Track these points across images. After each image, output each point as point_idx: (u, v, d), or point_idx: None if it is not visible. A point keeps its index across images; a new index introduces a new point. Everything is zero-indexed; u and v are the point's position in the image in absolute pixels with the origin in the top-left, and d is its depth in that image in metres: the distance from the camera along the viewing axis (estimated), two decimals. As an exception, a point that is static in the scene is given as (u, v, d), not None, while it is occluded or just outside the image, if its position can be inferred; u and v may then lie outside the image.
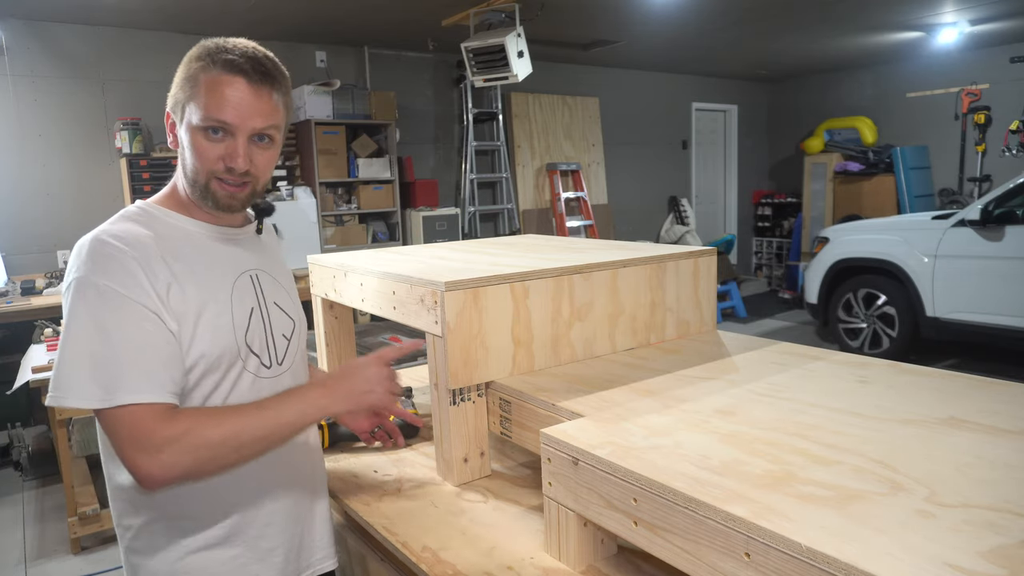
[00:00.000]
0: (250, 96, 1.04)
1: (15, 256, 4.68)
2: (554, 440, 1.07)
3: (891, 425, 1.05)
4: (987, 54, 7.23)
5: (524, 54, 4.80)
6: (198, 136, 1.04)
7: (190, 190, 1.09)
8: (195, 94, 1.04)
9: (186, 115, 1.05)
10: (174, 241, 1.06)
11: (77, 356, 0.95)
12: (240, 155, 1.05)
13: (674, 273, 1.65)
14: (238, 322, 1.08)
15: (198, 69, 1.04)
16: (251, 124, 1.05)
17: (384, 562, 1.33)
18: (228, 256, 1.13)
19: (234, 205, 1.10)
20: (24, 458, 3.91)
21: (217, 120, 1.03)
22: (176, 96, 1.07)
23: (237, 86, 1.03)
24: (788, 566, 0.74)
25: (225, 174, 1.06)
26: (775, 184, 9.59)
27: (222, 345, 1.06)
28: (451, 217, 6.14)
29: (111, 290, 0.96)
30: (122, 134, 4.81)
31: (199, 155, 1.05)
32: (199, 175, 1.06)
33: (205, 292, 1.05)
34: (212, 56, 1.04)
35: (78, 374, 0.94)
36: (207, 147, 1.04)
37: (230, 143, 1.05)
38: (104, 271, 0.97)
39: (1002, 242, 4.85)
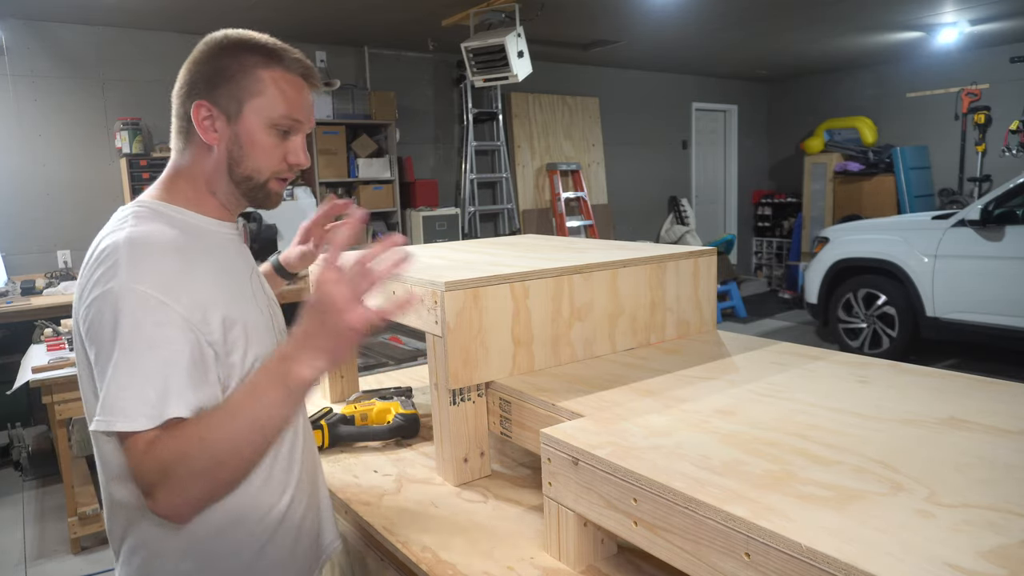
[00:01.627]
0: (309, 99, 1.07)
1: (15, 256, 4.68)
2: (554, 440, 1.07)
3: (891, 425, 1.05)
4: (987, 54, 7.23)
5: (524, 54, 4.80)
6: (268, 135, 1.03)
7: (236, 187, 1.06)
8: (260, 90, 1.01)
9: (246, 110, 1.01)
10: (198, 240, 1.02)
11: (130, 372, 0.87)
12: (304, 153, 1.07)
13: (674, 273, 1.65)
14: (268, 319, 1.10)
15: (256, 63, 1.01)
16: (309, 125, 1.08)
17: (384, 562, 1.33)
18: (239, 253, 1.12)
19: (280, 202, 1.11)
20: (24, 458, 3.91)
21: (295, 120, 1.04)
22: (226, 88, 1.01)
23: (300, 87, 1.05)
24: (788, 566, 0.74)
25: (287, 172, 1.07)
26: (775, 184, 9.59)
27: (268, 344, 1.06)
28: (451, 217, 6.14)
29: (159, 301, 0.89)
30: (122, 134, 4.81)
31: (265, 154, 1.04)
32: (260, 174, 1.05)
33: (237, 292, 1.04)
34: (273, 54, 1.03)
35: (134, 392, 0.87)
36: (275, 146, 1.04)
37: (293, 142, 1.06)
38: (147, 279, 0.90)
39: (1002, 242, 4.85)
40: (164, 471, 0.86)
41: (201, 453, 0.86)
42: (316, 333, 0.88)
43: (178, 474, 0.86)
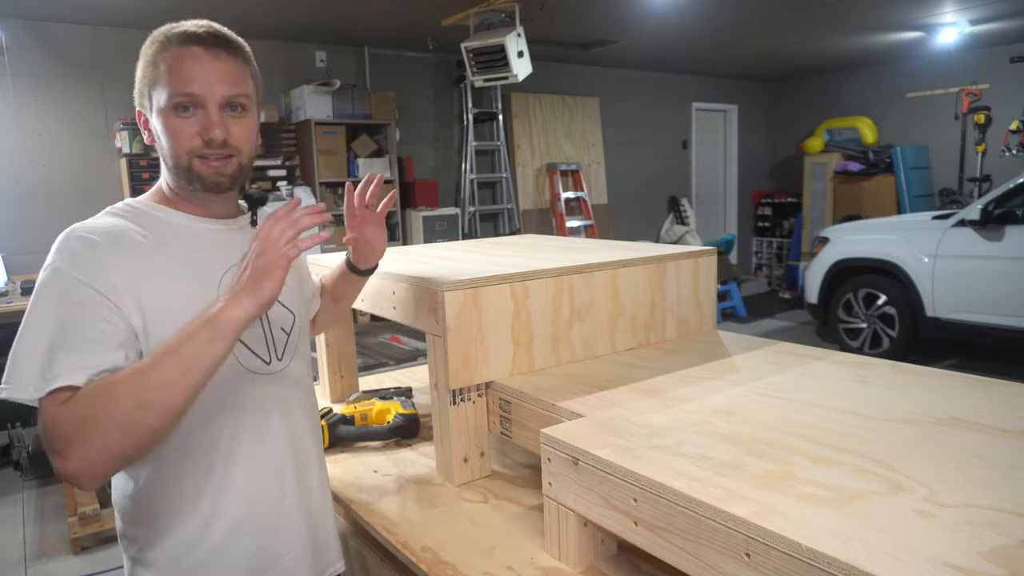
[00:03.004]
0: (211, 63, 1.01)
1: (15, 256, 4.68)
2: (554, 440, 1.07)
3: (891, 425, 1.05)
4: (987, 54, 7.23)
5: (524, 54, 4.80)
6: (170, 118, 1.02)
7: (174, 179, 1.07)
8: (157, 76, 1.02)
9: (154, 101, 1.03)
10: (160, 235, 1.04)
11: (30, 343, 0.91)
12: (215, 123, 1.01)
13: (674, 273, 1.65)
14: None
15: (155, 52, 1.03)
16: (219, 92, 1.01)
17: (384, 562, 1.33)
18: (217, 248, 1.09)
19: (221, 182, 1.05)
20: (24, 458, 3.91)
21: (184, 94, 1.00)
22: (140, 87, 1.05)
23: (197, 56, 1.01)
24: (788, 566, 0.74)
25: (204, 149, 1.02)
26: (775, 184, 9.59)
27: None
28: (451, 217, 6.14)
29: (78, 281, 0.93)
30: (122, 134, 4.81)
31: (174, 136, 1.02)
32: (180, 157, 1.03)
33: (190, 286, 1.02)
34: (166, 35, 1.03)
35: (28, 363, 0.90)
36: (180, 126, 1.01)
37: (202, 116, 1.01)
38: (75, 263, 0.94)
39: (1002, 242, 4.85)
40: (80, 423, 0.85)
41: (126, 397, 0.86)
42: (240, 277, 0.93)
43: (97, 422, 0.85)
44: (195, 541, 1.05)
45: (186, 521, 1.04)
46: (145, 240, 1.02)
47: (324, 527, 1.21)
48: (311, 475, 1.19)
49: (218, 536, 1.06)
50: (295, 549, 1.14)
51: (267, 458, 1.09)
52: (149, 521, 1.05)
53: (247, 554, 1.08)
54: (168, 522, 1.04)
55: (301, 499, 1.15)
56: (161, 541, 1.05)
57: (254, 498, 1.08)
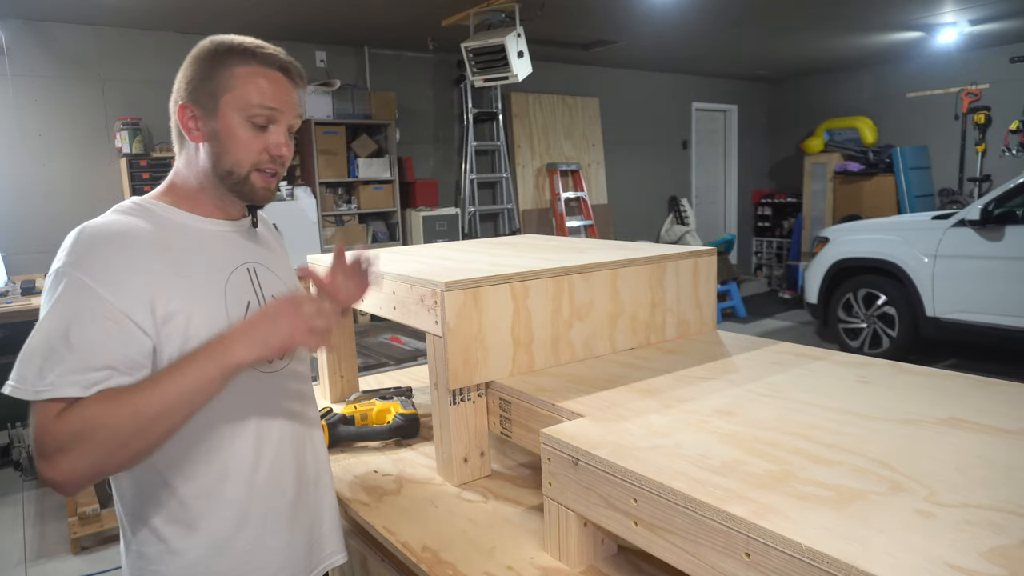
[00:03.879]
0: (289, 91, 1.08)
1: (15, 256, 4.68)
2: (554, 440, 1.07)
3: (891, 425, 1.05)
4: (987, 54, 7.23)
5: (524, 54, 4.80)
6: (244, 128, 1.05)
7: (220, 182, 1.08)
8: (235, 85, 1.04)
9: (222, 106, 1.04)
10: (168, 234, 1.05)
11: (37, 346, 0.94)
12: (285, 143, 1.08)
13: (674, 273, 1.65)
14: (234, 317, 1.06)
15: (233, 62, 1.05)
16: (292, 115, 1.08)
17: (384, 562, 1.33)
18: (224, 250, 1.11)
19: (268, 196, 1.11)
20: (24, 458, 3.90)
21: (268, 108, 1.05)
22: (204, 86, 1.05)
23: (279, 80, 1.06)
24: (788, 566, 0.74)
25: (268, 164, 1.07)
26: (775, 184, 9.59)
27: None
28: (451, 217, 6.14)
29: (87, 286, 0.94)
30: (122, 134, 4.81)
31: (243, 146, 1.05)
32: (240, 167, 1.06)
33: (198, 287, 1.04)
34: (251, 51, 1.06)
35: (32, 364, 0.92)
36: (251, 138, 1.05)
37: (273, 133, 1.07)
38: (84, 265, 0.95)
39: (1002, 242, 4.85)
40: (75, 435, 0.88)
41: (125, 421, 0.90)
42: (267, 328, 0.97)
43: (91, 438, 0.89)
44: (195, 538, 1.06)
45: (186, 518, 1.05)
46: (153, 239, 1.02)
47: (324, 522, 1.22)
48: (311, 471, 1.20)
49: (218, 533, 1.07)
50: (292, 545, 1.15)
51: (269, 456, 1.11)
52: (150, 519, 1.06)
53: (246, 550, 1.09)
54: (168, 519, 1.05)
55: (300, 496, 1.16)
56: (162, 539, 1.05)
57: (256, 496, 1.09)
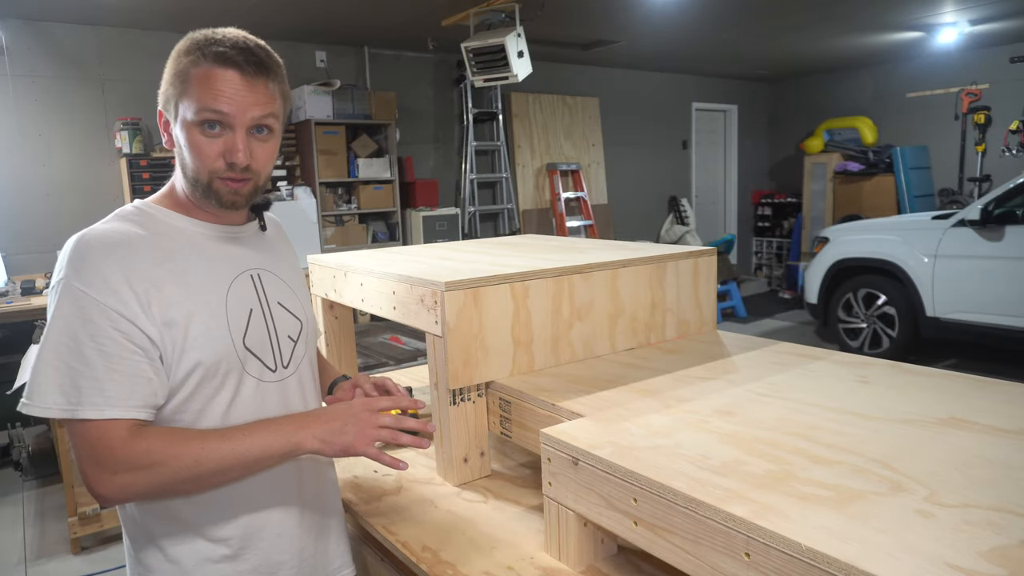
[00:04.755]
0: (245, 88, 1.00)
1: (15, 256, 4.68)
2: (554, 440, 1.07)
3: (891, 425, 1.05)
4: (987, 54, 7.23)
5: (524, 54, 4.80)
6: (194, 133, 1.00)
7: (191, 190, 1.06)
8: (187, 89, 1.00)
9: (180, 112, 1.01)
10: (169, 241, 1.03)
11: (48, 364, 0.93)
12: (240, 149, 1.00)
13: (674, 273, 1.65)
14: (235, 324, 1.04)
15: (188, 64, 1.00)
16: (249, 115, 1.00)
17: (384, 562, 1.33)
18: (227, 256, 1.09)
19: (238, 202, 1.05)
20: (24, 458, 3.91)
21: (213, 111, 0.98)
22: (167, 93, 1.03)
23: (230, 79, 0.99)
24: (788, 566, 0.74)
25: (227, 171, 1.02)
26: (775, 184, 9.59)
27: (219, 350, 1.01)
28: (451, 217, 6.14)
29: (87, 297, 0.93)
30: (122, 134, 4.81)
31: (197, 153, 1.01)
32: (200, 174, 1.02)
33: (198, 294, 1.01)
34: (202, 49, 1.00)
35: (48, 382, 0.93)
36: (205, 143, 1.01)
37: (228, 138, 1.00)
38: (82, 275, 0.94)
39: (1002, 242, 4.85)
40: (142, 463, 0.93)
41: (186, 464, 0.95)
42: (334, 428, 1.04)
43: (153, 471, 0.94)
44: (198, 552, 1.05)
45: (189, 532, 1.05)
46: (152, 247, 1.01)
47: (329, 535, 1.20)
48: (315, 484, 1.18)
49: (222, 547, 1.06)
50: (295, 559, 1.13)
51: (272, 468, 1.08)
52: (150, 528, 1.05)
53: (250, 565, 1.08)
54: (168, 529, 1.05)
55: (303, 509, 1.14)
56: (160, 548, 1.05)
57: (256, 509, 1.08)
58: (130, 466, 0.93)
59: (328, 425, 1.03)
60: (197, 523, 1.05)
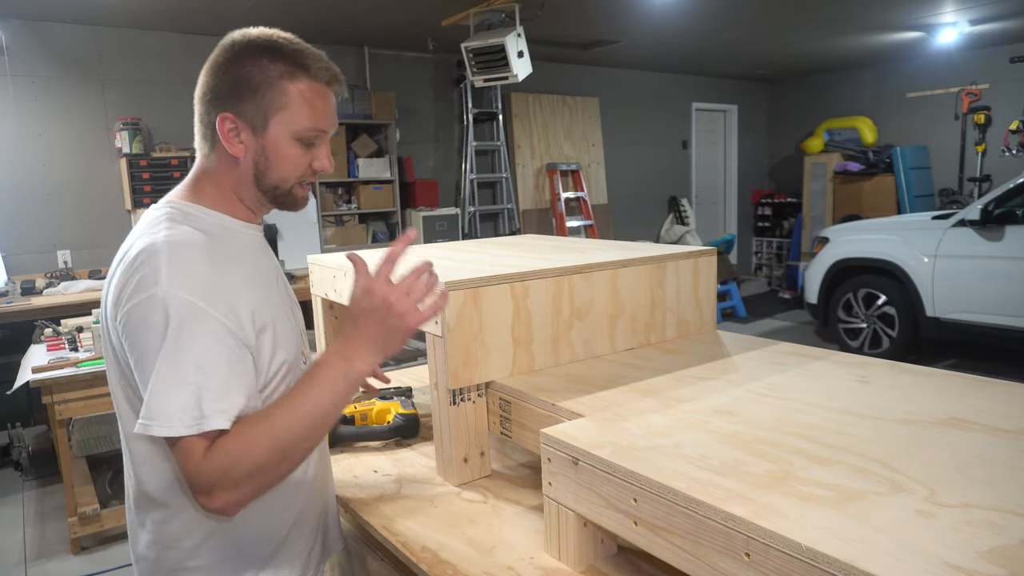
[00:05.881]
0: (333, 103, 1.07)
1: (15, 256, 4.68)
2: (554, 440, 1.07)
3: (891, 425, 1.05)
4: (987, 54, 7.23)
5: (524, 54, 4.80)
6: (293, 146, 1.04)
7: (257, 195, 1.07)
8: (286, 104, 1.01)
9: (273, 124, 1.01)
10: (226, 242, 1.03)
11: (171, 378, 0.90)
12: (329, 158, 1.08)
13: (674, 273, 1.65)
14: (294, 321, 1.12)
15: (281, 76, 1.01)
16: (335, 129, 1.09)
17: (384, 562, 1.33)
18: (266, 256, 1.14)
19: (305, 203, 1.13)
20: (24, 458, 3.91)
21: (321, 131, 1.05)
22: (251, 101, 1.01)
23: (329, 97, 1.06)
24: (788, 566, 0.74)
25: (311, 177, 1.08)
26: (775, 184, 9.59)
27: (295, 347, 1.09)
28: (451, 217, 6.14)
29: (195, 306, 0.92)
30: (122, 134, 4.80)
31: (291, 164, 1.05)
32: (286, 182, 1.06)
33: (272, 297, 1.07)
34: (296, 63, 1.02)
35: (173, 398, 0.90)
36: (300, 155, 1.05)
37: (319, 148, 1.07)
38: (184, 284, 0.92)
39: (1002, 242, 4.85)
40: (225, 471, 0.90)
41: (266, 449, 0.92)
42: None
43: (240, 471, 0.91)
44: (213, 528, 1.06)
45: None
46: (225, 253, 1.01)
47: (332, 511, 1.29)
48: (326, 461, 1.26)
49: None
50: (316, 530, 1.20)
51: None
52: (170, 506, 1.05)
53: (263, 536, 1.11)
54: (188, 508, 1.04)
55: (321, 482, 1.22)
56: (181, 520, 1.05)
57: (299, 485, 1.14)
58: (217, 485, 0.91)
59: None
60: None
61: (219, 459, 0.90)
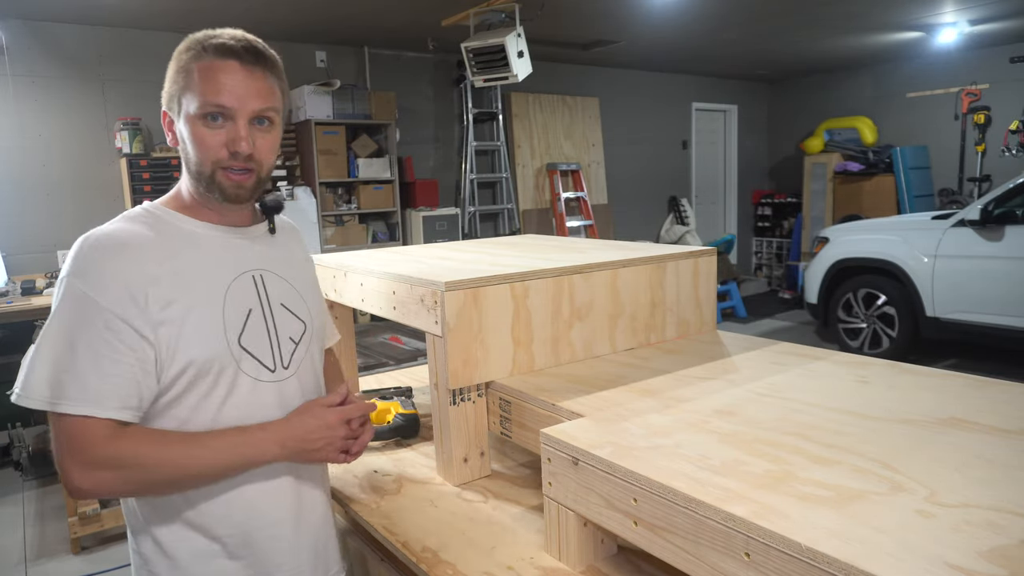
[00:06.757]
0: (246, 78, 1.02)
1: (15, 256, 4.68)
2: (554, 440, 1.07)
3: (891, 425, 1.05)
4: (987, 54, 7.23)
5: (524, 54, 4.80)
6: (198, 126, 1.02)
7: (195, 185, 1.07)
8: (189, 83, 1.02)
9: (183, 107, 1.03)
10: (173, 242, 1.05)
11: (40, 356, 0.97)
12: (243, 137, 1.02)
13: (674, 273, 1.65)
14: (230, 324, 1.04)
15: (189, 59, 1.03)
16: (250, 106, 1.03)
17: (384, 562, 1.33)
18: (230, 256, 1.09)
19: (241, 195, 1.07)
20: (24, 458, 3.90)
21: (216, 104, 1.01)
22: (170, 91, 1.05)
23: (231, 69, 1.02)
24: (788, 566, 0.74)
25: (230, 161, 1.03)
26: (775, 184, 9.59)
27: (211, 348, 1.02)
28: (451, 217, 6.14)
29: (84, 295, 0.96)
30: (122, 134, 4.81)
31: (201, 145, 1.03)
32: (204, 166, 1.04)
33: (195, 294, 1.02)
34: (202, 44, 1.03)
35: (37, 374, 0.96)
36: (208, 135, 1.03)
37: (231, 128, 1.03)
38: (82, 274, 0.97)
39: (1002, 242, 4.85)
40: (121, 463, 0.96)
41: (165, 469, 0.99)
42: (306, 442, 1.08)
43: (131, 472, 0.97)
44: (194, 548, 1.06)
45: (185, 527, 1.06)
46: (155, 247, 1.03)
47: (324, 538, 1.20)
48: (312, 487, 1.17)
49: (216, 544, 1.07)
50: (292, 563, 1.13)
51: (265, 470, 1.09)
52: (150, 522, 1.06)
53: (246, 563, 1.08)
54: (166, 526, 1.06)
55: (300, 512, 1.14)
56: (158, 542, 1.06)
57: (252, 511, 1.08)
58: (108, 464, 0.95)
59: (297, 440, 1.07)
60: (193, 519, 1.06)
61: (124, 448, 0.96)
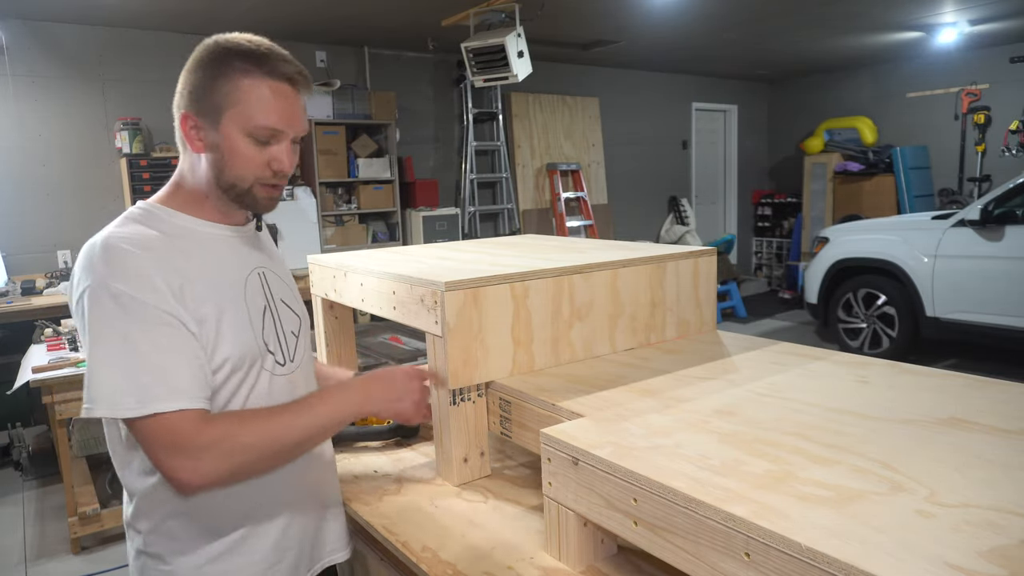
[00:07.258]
0: (296, 104, 1.07)
1: (15, 256, 4.68)
2: (554, 440, 1.07)
3: (891, 425, 1.05)
4: (987, 54, 7.23)
5: (524, 54, 4.80)
6: (246, 143, 1.04)
7: (219, 193, 1.08)
8: (238, 100, 1.02)
9: (225, 121, 1.03)
10: (182, 241, 1.05)
11: (106, 367, 0.94)
12: (288, 159, 1.07)
13: (674, 273, 1.65)
14: (255, 320, 1.09)
15: (237, 73, 1.02)
16: (297, 130, 1.07)
17: (384, 562, 1.33)
18: (236, 255, 1.12)
19: (271, 206, 1.12)
20: (24, 458, 3.91)
21: (271, 129, 1.04)
22: (206, 98, 1.03)
23: (286, 94, 1.05)
24: (788, 566, 0.74)
25: (271, 179, 1.07)
26: (775, 184, 9.59)
27: (245, 345, 1.06)
28: (451, 217, 6.14)
29: (127, 295, 0.95)
30: (122, 134, 4.81)
31: (246, 162, 1.05)
32: (243, 181, 1.06)
33: (220, 292, 1.05)
34: (253, 60, 1.03)
35: (109, 384, 0.93)
36: (255, 153, 1.05)
37: (276, 148, 1.06)
38: (118, 276, 0.95)
39: (1002, 242, 4.85)
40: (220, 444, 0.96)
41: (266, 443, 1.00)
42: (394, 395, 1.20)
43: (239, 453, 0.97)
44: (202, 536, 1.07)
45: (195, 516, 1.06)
46: (174, 248, 1.03)
47: (332, 517, 1.27)
48: (320, 469, 1.24)
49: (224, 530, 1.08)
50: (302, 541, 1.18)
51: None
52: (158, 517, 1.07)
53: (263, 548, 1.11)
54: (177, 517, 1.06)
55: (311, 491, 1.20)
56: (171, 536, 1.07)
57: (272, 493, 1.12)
58: (212, 450, 0.95)
59: (386, 393, 1.19)
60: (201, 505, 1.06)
61: (221, 427, 0.97)
